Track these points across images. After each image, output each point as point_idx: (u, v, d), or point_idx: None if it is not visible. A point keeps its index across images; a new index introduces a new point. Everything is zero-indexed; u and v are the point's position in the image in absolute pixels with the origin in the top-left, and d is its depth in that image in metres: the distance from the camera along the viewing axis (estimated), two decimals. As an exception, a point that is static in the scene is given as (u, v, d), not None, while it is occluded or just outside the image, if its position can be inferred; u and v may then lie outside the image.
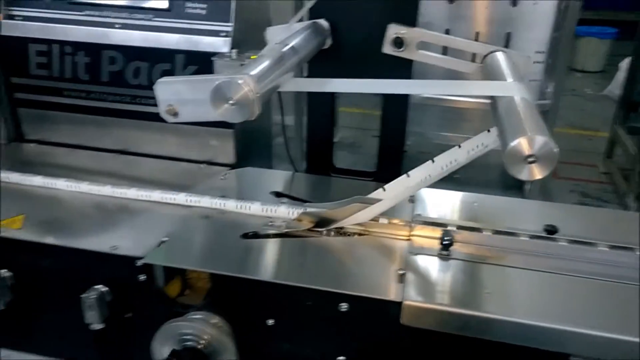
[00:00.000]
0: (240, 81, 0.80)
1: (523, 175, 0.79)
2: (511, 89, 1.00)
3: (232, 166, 1.43)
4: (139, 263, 1.04)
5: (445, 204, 1.24)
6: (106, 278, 1.07)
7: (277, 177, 1.41)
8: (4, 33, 1.39)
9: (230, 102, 0.81)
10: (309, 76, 1.28)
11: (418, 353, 0.99)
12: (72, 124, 1.48)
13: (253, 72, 0.84)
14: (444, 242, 1.07)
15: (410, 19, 1.30)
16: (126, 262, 1.04)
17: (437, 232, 1.10)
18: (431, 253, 1.06)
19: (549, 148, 0.79)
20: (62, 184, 1.26)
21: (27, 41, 1.39)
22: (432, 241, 1.10)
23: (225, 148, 1.42)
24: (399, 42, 1.29)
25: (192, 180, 1.33)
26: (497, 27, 2.15)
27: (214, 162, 1.44)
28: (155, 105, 1.39)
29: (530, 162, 0.79)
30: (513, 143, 0.79)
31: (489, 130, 0.99)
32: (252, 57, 1.05)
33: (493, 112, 0.97)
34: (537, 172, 0.79)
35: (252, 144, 1.48)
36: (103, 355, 1.13)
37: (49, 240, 1.07)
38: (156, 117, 1.41)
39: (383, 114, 1.44)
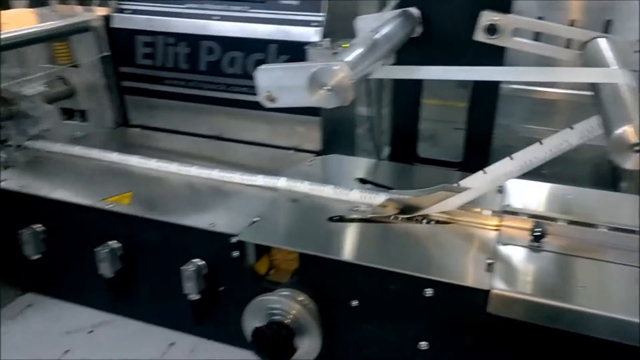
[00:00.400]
0: (336, 67, 0.83)
1: (629, 165, 0.76)
2: (616, 75, 0.96)
3: (318, 153, 1.48)
4: (233, 240, 1.11)
5: (536, 196, 1.20)
6: (203, 253, 1.15)
7: (362, 165, 1.44)
8: (114, 25, 1.52)
9: (326, 88, 0.84)
10: (397, 64, 1.29)
11: (503, 343, 0.98)
12: (172, 110, 1.58)
13: (348, 59, 0.86)
14: (535, 234, 1.05)
15: (504, 6, 1.28)
16: (222, 239, 1.11)
17: (528, 224, 1.08)
18: (522, 244, 1.04)
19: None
20: (153, 164, 1.36)
21: (134, 33, 1.51)
22: (522, 232, 1.07)
23: (312, 135, 1.46)
24: (492, 29, 1.27)
25: (280, 165, 1.38)
26: (595, 14, 2.03)
27: (300, 148, 1.49)
28: (247, 93, 1.48)
29: (636, 151, 0.76)
30: (618, 131, 0.77)
31: (572, 128, 0.96)
32: (343, 45, 1.07)
33: (595, 101, 0.94)
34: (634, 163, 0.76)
35: (336, 133, 1.51)
36: (198, 325, 1.21)
37: (154, 215, 1.16)
38: (248, 105, 1.50)
39: (471, 103, 1.42)
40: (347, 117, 1.49)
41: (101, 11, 1.51)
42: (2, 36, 1.25)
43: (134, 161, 1.38)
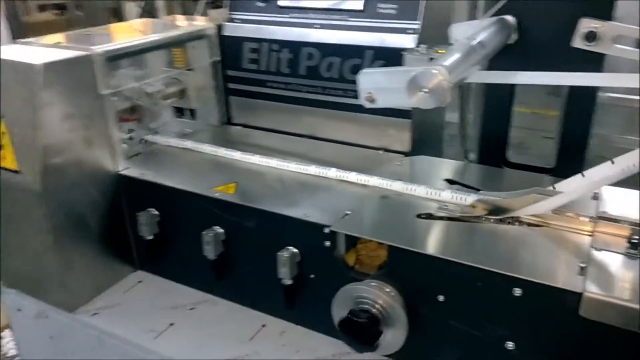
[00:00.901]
0: (435, 71, 0.89)
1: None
2: None
3: (406, 154, 1.53)
4: (326, 230, 1.19)
5: (632, 203, 1.18)
6: (297, 241, 1.24)
7: (450, 166, 1.47)
8: (225, 33, 1.66)
9: (425, 90, 0.90)
10: (490, 70, 1.32)
11: (593, 348, 0.98)
12: (271, 111, 1.70)
13: (446, 63, 0.92)
14: (633, 241, 1.04)
15: (604, 14, 1.27)
16: (315, 229, 1.20)
17: (625, 231, 1.07)
18: (617, 250, 1.03)
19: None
20: (255, 159, 1.48)
21: (242, 40, 1.64)
22: (618, 239, 1.06)
23: (402, 137, 1.52)
24: (591, 36, 1.27)
25: (369, 164, 1.45)
26: None
27: (390, 149, 1.55)
28: (342, 95, 1.56)
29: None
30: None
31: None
32: (439, 51, 1.12)
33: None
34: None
35: (425, 135, 1.56)
36: (289, 309, 1.29)
37: (255, 204, 1.27)
38: (342, 107, 1.58)
39: (566, 109, 1.41)
40: (436, 120, 1.53)
41: (212, 20, 1.66)
42: (136, 42, 1.42)
43: (238, 156, 1.51)
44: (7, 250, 1.48)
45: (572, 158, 1.43)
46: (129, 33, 1.56)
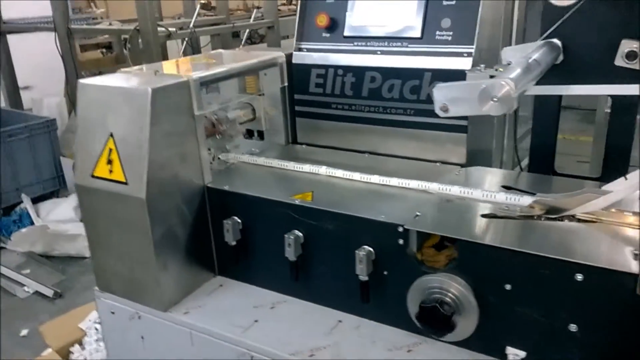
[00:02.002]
0: (503, 82, 1.05)
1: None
2: None
3: (462, 165, 1.68)
4: (401, 229, 1.33)
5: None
6: (372, 241, 1.39)
7: (503, 174, 1.61)
8: (294, 62, 1.86)
9: (494, 99, 1.06)
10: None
11: (651, 326, 1.09)
12: (334, 130, 1.88)
13: (511, 76, 1.08)
14: (680, 231, 1.16)
15: (642, 35, 1.41)
16: (390, 228, 1.34)
17: (673, 224, 1.19)
18: (666, 240, 1.16)
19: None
20: (324, 171, 1.65)
21: (310, 67, 1.84)
22: (665, 231, 1.19)
23: (458, 150, 1.67)
24: (631, 55, 1.41)
25: (428, 175, 1.59)
26: None
27: (446, 161, 1.70)
28: (401, 114, 1.73)
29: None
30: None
31: None
32: (499, 69, 1.28)
33: None
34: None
35: (478, 148, 1.71)
36: (365, 302, 1.43)
37: (335, 209, 1.43)
38: (401, 124, 1.74)
39: (610, 125, 1.54)
40: (488, 134, 1.68)
41: (283, 50, 1.86)
42: (224, 69, 1.63)
43: (307, 168, 1.68)
44: (104, 256, 1.65)
45: (616, 167, 1.56)
46: (209, 63, 1.76)
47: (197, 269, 1.67)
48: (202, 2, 6.83)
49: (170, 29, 4.96)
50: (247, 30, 6.48)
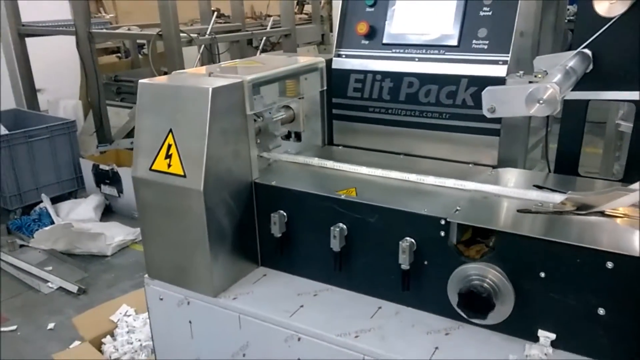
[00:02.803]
0: (549, 86, 1.17)
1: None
2: None
3: (494, 167, 1.79)
4: (443, 222, 1.45)
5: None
6: (413, 233, 1.50)
7: (534, 175, 1.73)
8: (334, 67, 1.98)
9: (540, 101, 1.18)
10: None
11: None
12: (370, 132, 1.99)
13: (555, 80, 1.20)
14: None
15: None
16: (433, 221, 1.46)
17: (693, 218, 1.31)
18: (688, 232, 1.28)
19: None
20: (364, 170, 1.76)
21: (350, 72, 1.96)
22: (688, 225, 1.30)
23: (490, 152, 1.79)
24: (655, 65, 1.54)
25: (462, 175, 1.70)
26: None
27: (479, 163, 1.81)
28: (437, 117, 1.84)
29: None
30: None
31: None
32: (538, 75, 1.40)
33: None
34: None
35: (509, 151, 1.83)
36: (405, 290, 1.54)
37: (380, 203, 1.54)
38: (436, 127, 1.86)
39: (634, 130, 1.66)
40: (520, 137, 1.80)
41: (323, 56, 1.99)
42: (273, 72, 1.75)
43: (346, 167, 1.79)
44: (156, 245, 1.77)
45: (638, 170, 1.68)
46: (257, 66, 1.88)
47: (242, 259, 1.78)
48: (214, 10, 7.00)
49: (192, 35, 5.10)
50: (264, 38, 6.62)
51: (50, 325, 3.31)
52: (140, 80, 1.69)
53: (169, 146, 1.62)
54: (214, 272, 1.67)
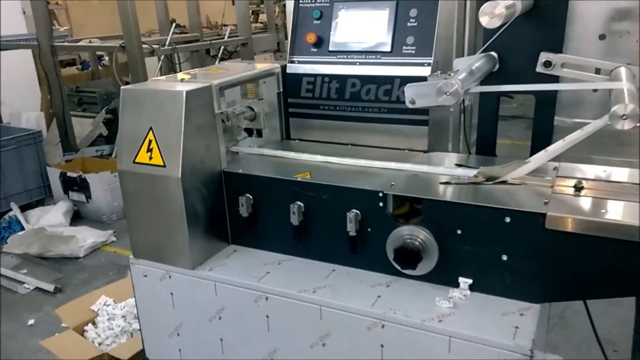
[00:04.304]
0: (453, 82, 1.52)
1: (619, 126, 1.38)
2: (623, 84, 1.58)
3: (425, 151, 2.14)
4: (381, 194, 1.78)
5: (580, 172, 1.81)
6: (359, 205, 1.82)
7: (457, 157, 2.09)
8: (288, 72, 2.30)
9: (447, 93, 1.53)
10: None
11: (557, 251, 1.57)
12: (322, 128, 2.32)
13: (459, 78, 1.55)
14: (576, 187, 1.65)
15: (556, 49, 1.91)
16: (372, 194, 1.78)
17: (572, 182, 1.68)
18: (567, 193, 1.65)
19: (636, 111, 1.37)
20: (318, 158, 2.08)
21: (301, 76, 2.28)
22: (569, 189, 1.68)
23: (421, 140, 2.14)
24: (547, 64, 1.91)
25: (400, 159, 2.04)
26: None
27: (412, 149, 2.16)
28: (377, 112, 2.18)
29: (624, 119, 1.38)
30: (616, 107, 1.39)
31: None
32: (451, 74, 1.75)
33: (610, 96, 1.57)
34: (627, 126, 1.37)
35: (438, 137, 2.18)
36: (353, 254, 1.86)
37: (329, 182, 1.86)
38: (377, 120, 2.20)
39: (535, 113, 2.03)
40: (446, 125, 2.17)
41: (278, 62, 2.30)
42: (236, 77, 2.05)
43: (305, 157, 2.11)
44: (140, 228, 2.04)
45: (542, 145, 2.05)
46: (221, 73, 2.17)
47: (215, 238, 2.07)
48: (171, 20, 7.22)
49: (153, 46, 5.33)
50: (222, 47, 6.90)
51: (31, 322, 3.49)
52: (122, 87, 1.96)
53: (150, 141, 1.90)
54: (191, 248, 1.96)
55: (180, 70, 7.26)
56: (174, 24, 7.01)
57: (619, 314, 3.11)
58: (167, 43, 6.00)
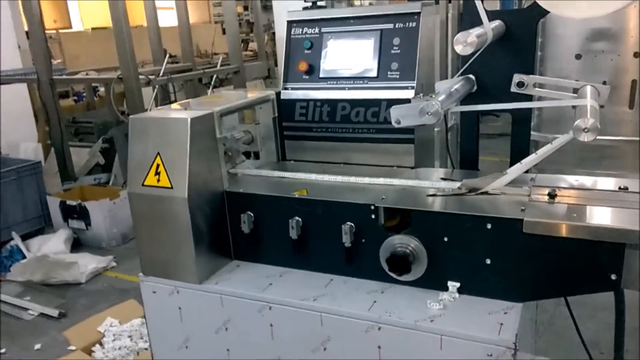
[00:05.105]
0: (434, 103, 1.69)
1: (581, 139, 1.56)
2: (586, 100, 1.77)
3: (412, 167, 2.31)
4: (373, 207, 1.93)
5: (554, 182, 1.98)
6: (352, 218, 1.97)
7: (442, 172, 2.25)
8: (282, 98, 2.48)
9: (429, 113, 1.70)
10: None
11: (535, 253, 1.72)
12: (315, 148, 2.48)
13: (440, 99, 1.72)
14: (550, 195, 1.82)
15: (528, 70, 2.09)
16: (365, 208, 1.94)
17: (546, 191, 1.85)
18: (542, 201, 1.81)
19: (596, 125, 1.55)
20: (313, 176, 2.24)
21: (295, 101, 2.45)
22: (543, 196, 1.84)
23: (408, 157, 2.31)
24: (521, 84, 2.09)
25: (389, 175, 2.20)
26: (623, 76, 2.58)
27: (400, 165, 2.33)
28: (366, 133, 2.35)
29: (586, 132, 1.55)
30: (578, 121, 1.57)
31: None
32: (432, 95, 1.92)
33: (574, 112, 1.75)
34: (588, 138, 1.55)
35: (424, 154, 2.35)
36: (349, 264, 2.01)
37: (325, 198, 2.01)
38: (366, 140, 2.37)
39: (512, 130, 2.21)
40: (430, 144, 2.34)
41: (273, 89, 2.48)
42: (236, 104, 2.22)
43: (301, 175, 2.27)
44: (149, 247, 2.17)
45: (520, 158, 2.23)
46: (220, 101, 2.34)
47: (219, 254, 2.21)
48: (164, 50, 7.43)
49: (149, 76, 5.52)
50: (215, 75, 7.11)
51: (37, 346, 3.57)
52: (131, 116, 2.12)
53: (158, 165, 2.05)
54: (197, 263, 2.09)
55: (176, 99, 7.45)
56: (167, 54, 7.23)
57: (605, 318, 3.26)
58: (161, 73, 6.20)
